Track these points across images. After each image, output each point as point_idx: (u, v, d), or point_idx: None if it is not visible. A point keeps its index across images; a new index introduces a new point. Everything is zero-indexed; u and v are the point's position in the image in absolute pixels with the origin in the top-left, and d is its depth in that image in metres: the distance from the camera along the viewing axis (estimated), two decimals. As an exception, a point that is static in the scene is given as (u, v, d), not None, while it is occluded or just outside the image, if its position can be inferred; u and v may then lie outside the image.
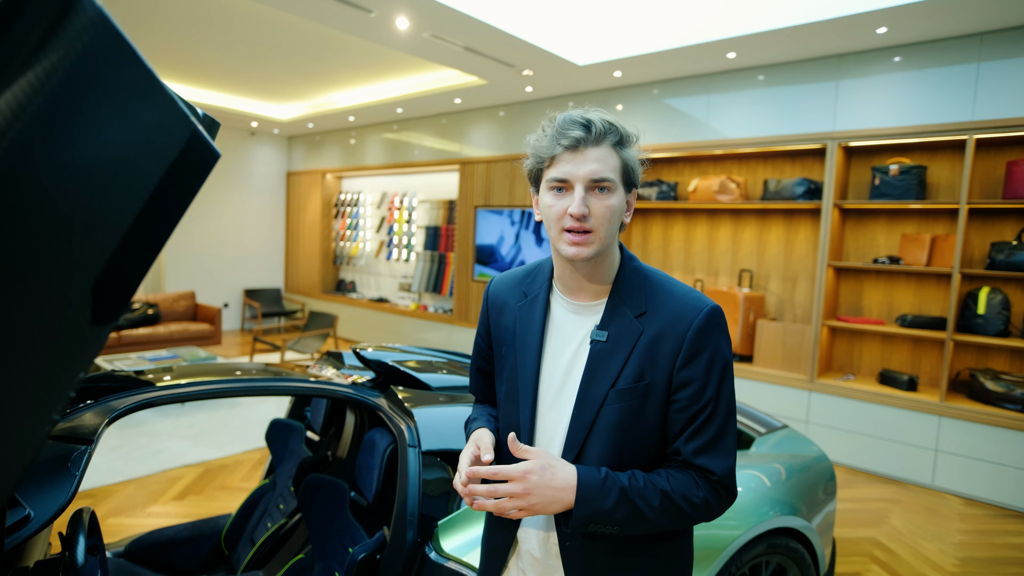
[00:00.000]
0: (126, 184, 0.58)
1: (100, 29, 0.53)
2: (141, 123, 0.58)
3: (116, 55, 0.54)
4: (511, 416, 1.14)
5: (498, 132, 6.57)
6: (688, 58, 4.58)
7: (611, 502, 0.97)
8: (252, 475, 3.88)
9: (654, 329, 1.03)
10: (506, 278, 1.25)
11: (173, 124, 0.60)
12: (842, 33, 3.93)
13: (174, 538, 2.47)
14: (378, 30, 4.26)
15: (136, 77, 0.56)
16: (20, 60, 0.50)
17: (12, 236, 0.52)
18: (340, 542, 1.93)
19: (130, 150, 0.58)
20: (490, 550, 1.22)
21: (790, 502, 2.06)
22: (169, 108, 0.60)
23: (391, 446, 1.86)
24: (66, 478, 1.30)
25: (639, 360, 1.02)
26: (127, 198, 0.59)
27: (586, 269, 1.07)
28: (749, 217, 5.12)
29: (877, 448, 4.24)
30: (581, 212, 0.98)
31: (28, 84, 0.51)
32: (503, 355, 1.18)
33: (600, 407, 1.03)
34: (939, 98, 3.97)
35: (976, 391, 3.96)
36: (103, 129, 0.55)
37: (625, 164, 1.03)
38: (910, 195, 4.12)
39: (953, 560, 3.10)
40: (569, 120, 1.01)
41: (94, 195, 0.57)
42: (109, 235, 0.59)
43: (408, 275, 8.08)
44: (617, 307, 1.07)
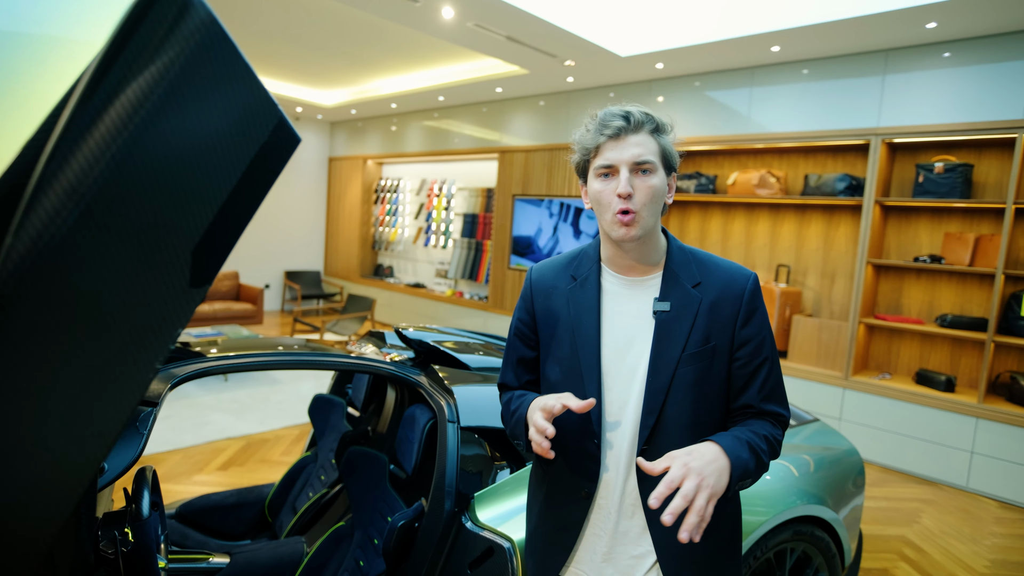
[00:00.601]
0: (223, 163, 0.67)
1: (210, 28, 0.62)
2: (238, 111, 0.66)
3: (221, 51, 0.63)
4: (577, 392, 1.19)
5: (538, 122, 6.61)
6: (731, 51, 4.54)
7: (746, 456, 1.05)
8: (292, 449, 4.05)
9: (711, 296, 1.15)
10: (549, 264, 1.33)
11: (263, 112, 0.69)
12: (890, 28, 3.86)
13: (220, 503, 2.62)
14: (423, 19, 4.34)
15: (236, 71, 0.65)
16: (146, 56, 0.59)
17: (131, 204, 0.61)
18: (379, 511, 2.04)
19: (228, 134, 0.66)
20: (557, 529, 1.25)
21: (817, 493, 2.09)
22: (261, 98, 0.68)
23: (431, 421, 1.95)
24: (135, 436, 1.42)
25: (704, 325, 1.14)
26: (223, 176, 0.68)
27: (635, 249, 1.16)
28: (788, 212, 5.07)
29: (912, 448, 4.19)
30: (627, 191, 1.08)
31: (151, 76, 0.59)
32: (556, 336, 1.25)
33: (674, 371, 1.13)
34: (989, 95, 3.87)
35: (1016, 393, 3.88)
36: (208, 115, 0.64)
37: (663, 149, 1.12)
38: (955, 193, 4.03)
39: (985, 562, 3.07)
40: (609, 113, 1.11)
41: (197, 172, 0.65)
42: (207, 207, 0.67)
43: (445, 261, 8.21)
44: (673, 280, 1.17)
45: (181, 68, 0.60)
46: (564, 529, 1.24)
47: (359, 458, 2.17)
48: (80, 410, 0.63)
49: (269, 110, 0.69)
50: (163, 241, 0.65)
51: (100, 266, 0.60)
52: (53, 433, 0.61)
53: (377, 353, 2.24)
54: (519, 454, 1.89)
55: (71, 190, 0.57)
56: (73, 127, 0.56)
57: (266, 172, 0.71)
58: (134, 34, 0.58)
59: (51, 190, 0.56)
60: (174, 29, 0.59)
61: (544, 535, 1.29)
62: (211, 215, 0.68)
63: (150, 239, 0.64)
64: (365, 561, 1.98)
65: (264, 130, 0.69)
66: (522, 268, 6.69)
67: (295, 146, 0.73)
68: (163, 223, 0.64)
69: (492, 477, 1.80)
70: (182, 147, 0.63)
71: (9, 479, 0.58)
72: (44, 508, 0.61)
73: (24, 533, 0.61)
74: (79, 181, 0.57)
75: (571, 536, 1.23)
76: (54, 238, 0.56)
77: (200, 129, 0.64)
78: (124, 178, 0.59)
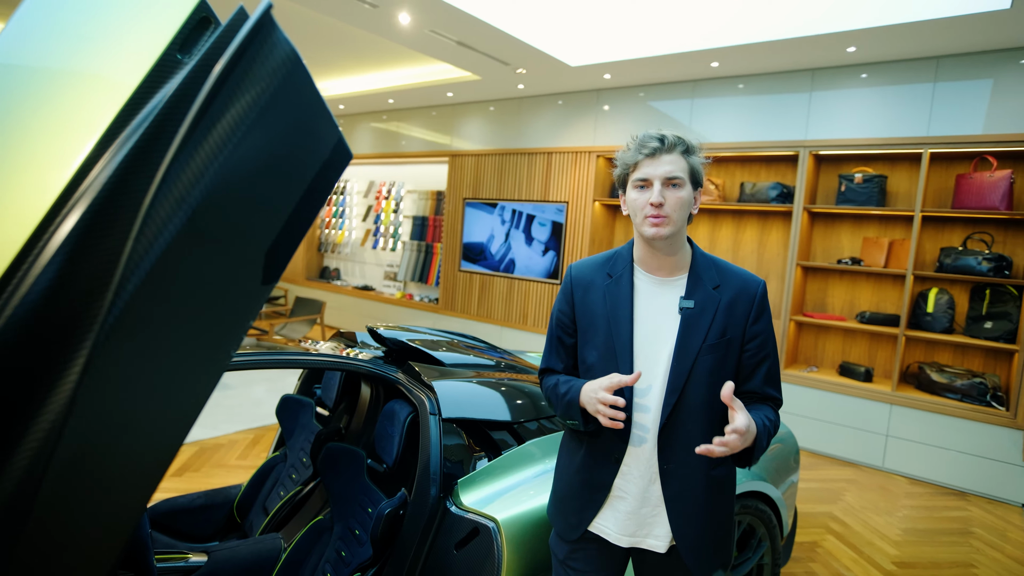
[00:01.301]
0: (295, 176, 0.77)
1: (294, 62, 0.72)
2: (310, 132, 0.77)
3: (301, 81, 0.74)
4: (609, 373, 1.37)
5: (488, 127, 6.75)
6: (674, 65, 4.83)
7: (765, 439, 1.30)
8: (248, 453, 4.02)
9: (728, 297, 1.37)
10: (588, 263, 1.52)
11: (327, 132, 0.80)
12: (816, 50, 4.22)
13: (188, 506, 2.62)
14: (380, 24, 4.41)
15: (311, 97, 0.76)
16: (244, 87, 0.69)
17: (224, 212, 0.71)
18: (359, 503, 2.12)
19: (300, 151, 0.77)
20: (590, 488, 1.45)
21: (759, 471, 2.32)
22: (327, 120, 0.79)
23: (410, 415, 2.05)
24: None
25: (722, 321, 1.35)
26: (294, 187, 0.78)
27: (664, 248, 1.36)
28: (726, 217, 5.41)
29: (836, 434, 4.58)
30: (659, 201, 1.29)
31: (247, 103, 0.69)
32: (594, 325, 1.44)
33: (695, 359, 1.33)
34: (900, 114, 4.30)
35: (923, 382, 4.32)
36: (287, 136, 0.75)
37: (691, 167, 1.34)
38: (872, 202, 4.45)
39: (897, 531, 3.43)
40: (648, 136, 1.34)
41: (274, 184, 0.76)
42: (280, 215, 0.78)
43: (394, 264, 8.22)
44: (697, 282, 1.38)
45: (271, 96, 0.71)
46: (596, 489, 1.43)
47: (337, 453, 2.24)
48: (177, 390, 0.72)
49: (332, 131, 0.79)
50: (245, 244, 0.74)
51: (196, 266, 0.70)
52: (157, 409, 0.70)
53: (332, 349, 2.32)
54: (496, 444, 2.02)
55: (179, 201, 0.67)
56: (185, 147, 0.65)
57: (326, 184, 0.82)
58: (236, 67, 0.68)
59: (163, 202, 0.65)
60: (267, 62, 0.70)
61: (575, 494, 1.47)
62: (282, 222, 0.78)
63: (236, 243, 0.74)
64: (347, 551, 2.05)
65: (327, 148, 0.80)
66: (473, 272, 6.81)
67: (348, 161, 0.84)
68: (246, 229, 0.74)
69: (472, 465, 1.92)
70: (265, 163, 0.73)
71: (125, 448, 0.67)
72: (145, 476, 0.70)
73: (132, 493, 0.69)
74: (186, 193, 0.67)
75: (602, 495, 1.43)
76: (164, 242, 0.66)
77: (280, 147, 0.74)
78: (219, 191, 0.69)
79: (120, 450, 0.67)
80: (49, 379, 0.59)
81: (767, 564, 2.36)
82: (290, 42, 0.72)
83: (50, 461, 0.56)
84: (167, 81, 0.78)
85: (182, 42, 0.80)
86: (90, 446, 0.62)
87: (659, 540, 1.41)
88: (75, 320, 0.61)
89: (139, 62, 0.77)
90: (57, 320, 0.61)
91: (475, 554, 1.69)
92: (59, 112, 0.75)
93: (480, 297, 6.76)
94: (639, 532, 1.42)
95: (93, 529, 0.67)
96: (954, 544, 3.33)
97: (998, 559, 3.19)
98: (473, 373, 2.27)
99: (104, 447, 0.65)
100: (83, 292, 0.62)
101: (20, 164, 0.71)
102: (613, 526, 1.43)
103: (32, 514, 0.56)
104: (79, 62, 0.79)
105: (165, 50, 0.78)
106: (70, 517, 0.63)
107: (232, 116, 0.69)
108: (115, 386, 0.63)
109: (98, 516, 0.67)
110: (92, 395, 0.60)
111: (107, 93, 0.75)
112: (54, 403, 0.59)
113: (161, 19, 0.82)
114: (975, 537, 3.43)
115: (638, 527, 1.41)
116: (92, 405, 0.60)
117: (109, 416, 0.64)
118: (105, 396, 0.62)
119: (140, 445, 0.69)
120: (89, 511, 0.65)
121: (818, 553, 3.11)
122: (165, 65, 0.78)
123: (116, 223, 0.65)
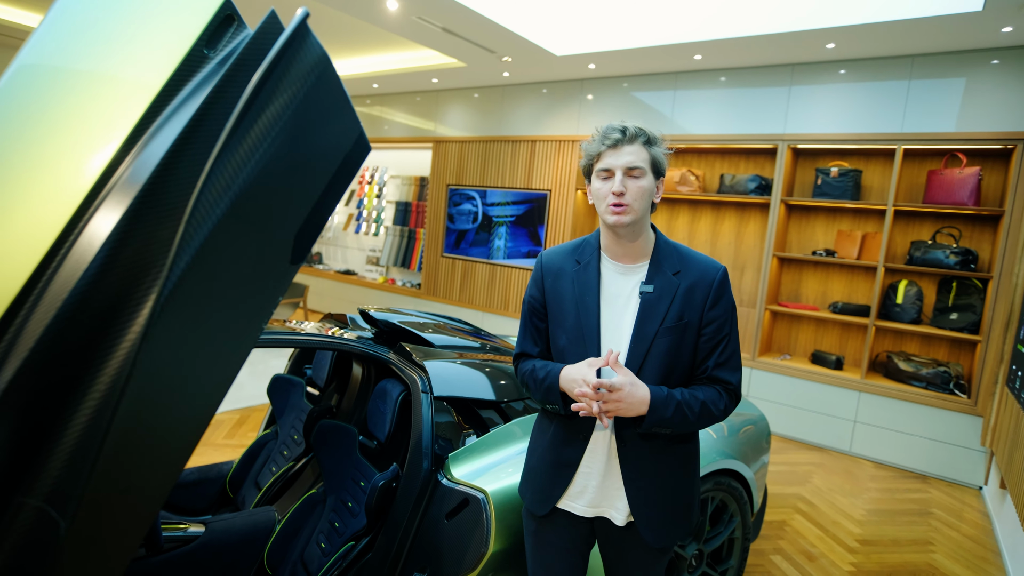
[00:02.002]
0: (322, 167, 0.85)
1: (325, 64, 0.80)
2: (336, 126, 0.85)
3: (331, 81, 0.81)
4: (580, 354, 1.46)
5: (473, 113, 6.78)
6: (658, 57, 4.92)
7: (670, 411, 1.35)
8: (235, 432, 4.08)
9: (687, 283, 1.42)
10: (557, 251, 1.59)
11: (351, 127, 0.87)
12: (796, 45, 4.34)
13: (182, 480, 2.68)
14: (367, 9, 4.42)
15: (338, 96, 0.83)
16: (283, 87, 0.76)
17: (261, 199, 0.78)
18: (351, 477, 2.21)
19: (327, 144, 0.85)
20: (559, 465, 1.52)
21: (732, 451, 2.46)
22: (350, 116, 0.86)
23: (402, 394, 2.14)
24: None
25: (679, 305, 1.41)
26: (321, 176, 0.86)
27: (628, 236, 1.42)
28: (705, 208, 5.54)
29: (806, 419, 4.77)
30: (620, 190, 1.36)
31: (284, 101, 0.77)
32: (563, 310, 1.51)
33: (652, 340, 1.41)
34: (875, 109, 4.45)
35: (891, 370, 4.52)
36: (316, 130, 0.82)
37: (653, 157, 1.40)
38: (847, 195, 4.60)
39: (862, 511, 3.62)
40: (610, 127, 1.39)
41: (305, 173, 0.83)
42: (308, 201, 0.85)
43: (376, 249, 8.25)
44: (658, 268, 1.45)
45: (305, 95, 0.78)
46: (565, 466, 1.51)
47: (330, 430, 2.32)
48: (217, 358, 0.79)
49: (354, 126, 0.87)
50: (277, 227, 0.82)
51: (237, 245, 0.77)
52: (202, 373, 0.78)
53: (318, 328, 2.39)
54: (483, 421, 2.12)
55: (223, 189, 0.74)
56: (231, 140, 0.73)
57: (347, 173, 0.89)
58: (275, 69, 0.75)
59: (210, 190, 0.73)
60: (303, 64, 0.77)
61: (546, 471, 1.55)
62: (310, 207, 0.85)
63: (269, 225, 0.81)
64: (341, 523, 2.14)
65: (349, 141, 0.88)
66: (455, 258, 6.87)
67: (367, 154, 0.92)
68: (279, 213, 0.82)
69: (461, 441, 2.02)
70: (298, 155, 0.81)
71: (175, 405, 0.75)
72: (189, 431, 0.78)
73: (179, 444, 0.77)
74: (230, 182, 0.74)
75: (570, 472, 1.51)
76: (211, 225, 0.73)
77: (311, 140, 0.82)
78: (259, 178, 0.76)
79: (171, 406, 0.74)
80: (113, 343, 0.66)
81: (738, 539, 2.50)
82: (321, 45, 0.79)
83: (118, 406, 0.63)
84: (194, 74, 0.85)
85: (208, 38, 0.87)
86: (149, 400, 0.70)
87: (619, 513, 1.48)
88: (135, 293, 0.68)
89: (169, 57, 0.84)
90: (117, 294, 0.69)
91: (465, 523, 1.79)
92: (94, 104, 0.81)
93: (463, 283, 6.84)
94: (603, 504, 1.50)
95: (149, 471, 0.75)
96: (913, 524, 3.52)
97: (953, 537, 3.39)
98: (460, 354, 2.36)
99: (158, 403, 0.72)
100: (138, 271, 0.70)
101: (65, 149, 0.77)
102: (579, 501, 1.51)
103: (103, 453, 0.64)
104: (112, 58, 0.85)
105: (193, 46, 0.85)
106: (131, 460, 0.71)
107: (271, 114, 0.76)
108: (168, 351, 0.71)
109: (152, 463, 0.75)
110: (151, 357, 0.67)
111: (138, 86, 0.82)
112: (115, 362, 0.66)
113: (189, 16, 0.88)
114: (934, 517, 3.63)
115: (602, 499, 1.50)
116: (150, 366, 0.68)
117: (163, 376, 0.71)
118: (160, 359, 0.70)
119: (187, 403, 0.77)
120: (146, 458, 0.73)
121: (786, 531, 3.28)
122: (193, 60, 0.85)
123: (167, 207, 0.72)
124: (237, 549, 2.06)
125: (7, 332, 0.67)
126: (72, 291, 0.68)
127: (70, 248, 0.71)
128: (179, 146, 0.75)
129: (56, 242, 0.71)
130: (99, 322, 0.68)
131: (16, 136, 0.73)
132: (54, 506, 0.64)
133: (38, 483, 0.65)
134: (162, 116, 0.81)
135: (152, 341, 0.67)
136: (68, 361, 0.65)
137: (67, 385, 0.65)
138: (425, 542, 1.85)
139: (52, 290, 0.67)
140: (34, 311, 0.67)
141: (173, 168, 0.74)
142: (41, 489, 0.64)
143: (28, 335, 0.66)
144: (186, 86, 0.84)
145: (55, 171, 0.74)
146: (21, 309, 0.67)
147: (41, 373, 0.65)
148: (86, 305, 0.68)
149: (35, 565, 0.65)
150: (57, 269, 0.70)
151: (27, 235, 0.70)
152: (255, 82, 0.73)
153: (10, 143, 0.73)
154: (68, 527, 0.64)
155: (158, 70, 0.82)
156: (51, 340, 0.65)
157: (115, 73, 0.82)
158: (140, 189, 0.72)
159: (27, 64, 0.76)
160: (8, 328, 0.67)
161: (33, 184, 0.73)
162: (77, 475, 0.64)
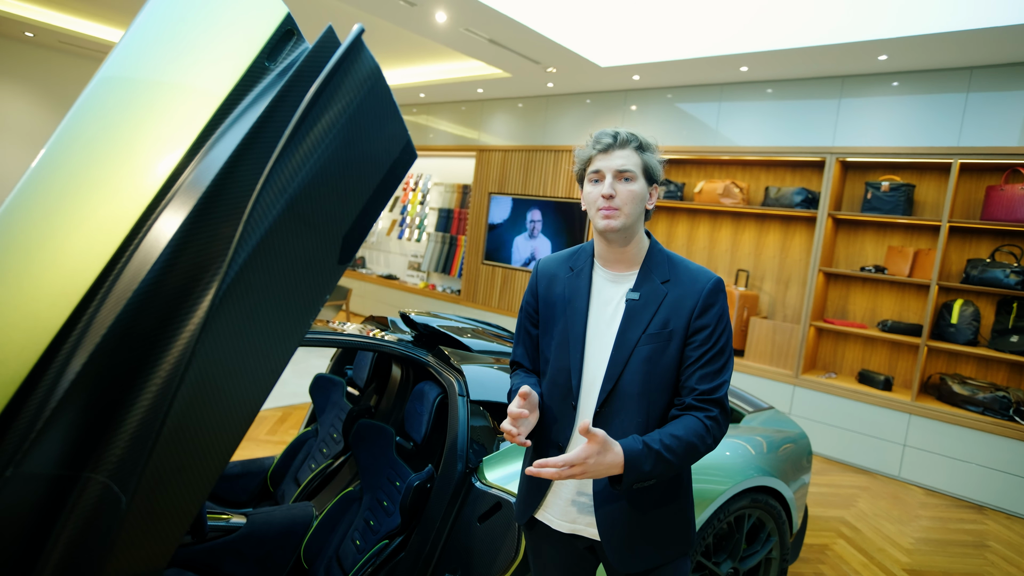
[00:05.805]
0: (372, 171, 0.89)
1: (377, 75, 0.84)
2: (385, 134, 0.89)
3: (382, 91, 0.85)
4: (563, 360, 1.45)
5: (516, 123, 6.85)
6: (703, 68, 4.88)
7: (649, 465, 1.25)
8: (277, 429, 4.20)
9: (676, 292, 1.39)
10: (554, 258, 1.59)
11: (399, 135, 0.91)
12: (847, 57, 4.25)
13: (226, 473, 2.78)
14: (417, 21, 4.53)
15: (388, 105, 0.87)
16: (338, 97, 0.81)
17: (315, 199, 0.83)
18: (387, 476, 2.25)
19: (377, 149, 0.89)
20: (531, 486, 1.50)
21: (770, 468, 2.41)
22: (399, 124, 0.90)
23: (439, 396, 2.18)
24: None
25: (664, 313, 1.37)
26: (370, 180, 0.90)
27: (619, 242, 1.40)
28: (749, 220, 5.45)
29: (852, 441, 4.62)
30: (610, 193, 1.34)
31: (339, 109, 0.81)
32: (554, 315, 1.50)
33: (634, 347, 1.37)
34: (930, 123, 4.31)
35: (944, 393, 4.34)
36: (368, 136, 0.86)
37: (645, 163, 1.38)
38: (898, 210, 4.46)
39: (910, 540, 3.48)
40: (603, 133, 1.39)
41: (356, 176, 0.88)
42: (357, 203, 0.90)
43: (418, 254, 8.38)
44: (647, 276, 1.42)
45: (359, 104, 0.82)
46: (538, 486, 1.48)
47: (368, 430, 2.38)
48: (269, 349, 0.84)
49: (402, 134, 0.91)
50: (329, 227, 0.87)
51: (292, 243, 0.82)
52: (254, 363, 0.82)
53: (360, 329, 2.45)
54: (519, 427, 2.14)
55: (280, 191, 0.79)
56: (289, 146, 0.77)
57: (394, 179, 0.93)
58: (331, 80, 0.79)
59: (269, 190, 0.78)
60: (357, 76, 0.82)
61: (526, 479, 1.53)
62: (359, 209, 0.90)
63: (321, 225, 0.86)
64: (375, 521, 2.19)
65: (397, 148, 0.92)
66: (496, 265, 6.93)
67: (413, 161, 0.96)
68: (331, 214, 0.86)
69: (496, 445, 2.04)
70: (351, 159, 0.85)
71: (229, 391, 0.80)
72: (240, 417, 0.83)
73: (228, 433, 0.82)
74: (287, 183, 0.79)
75: (546, 483, 1.48)
76: (267, 224, 0.78)
77: (362, 146, 0.86)
78: (313, 181, 0.81)
79: (224, 394, 0.79)
80: (176, 331, 0.71)
81: (775, 559, 2.44)
82: (373, 58, 0.84)
83: (177, 391, 0.68)
84: (256, 84, 0.90)
85: (270, 51, 0.92)
86: (205, 387, 0.75)
87: (595, 529, 1.43)
88: (196, 286, 0.73)
89: (233, 69, 0.89)
90: (180, 287, 0.74)
91: (497, 526, 1.81)
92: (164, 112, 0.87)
93: (502, 290, 6.89)
94: (578, 519, 1.45)
95: (201, 455, 0.80)
96: (967, 556, 3.36)
97: (1013, 573, 3.22)
98: (497, 360, 2.39)
99: (213, 390, 0.77)
100: (200, 266, 0.75)
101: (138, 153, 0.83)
102: (554, 513, 1.48)
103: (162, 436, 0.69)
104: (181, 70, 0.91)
105: (255, 58, 0.90)
106: (186, 443, 0.76)
107: (327, 121, 0.81)
108: (224, 341, 0.76)
109: (205, 448, 0.79)
110: (209, 346, 0.72)
111: (205, 96, 0.88)
112: (176, 350, 0.71)
113: (253, 31, 0.94)
114: (991, 551, 3.45)
115: (577, 514, 1.44)
116: (207, 354, 0.73)
117: (218, 365, 0.76)
118: (217, 349, 0.75)
119: (238, 392, 0.81)
120: (199, 442, 0.78)
121: (828, 556, 3.18)
122: (255, 71, 0.91)
123: (228, 207, 0.77)
124: (275, 541, 2.13)
125: (80, 320, 0.73)
126: (140, 283, 0.73)
127: (139, 244, 0.77)
128: (240, 151, 0.80)
129: (127, 238, 0.76)
130: (164, 312, 0.73)
131: (95, 142, 0.80)
132: (117, 482, 0.69)
133: (103, 461, 0.70)
134: (225, 123, 0.86)
135: (210, 331, 0.72)
136: (135, 347, 0.70)
137: (133, 370, 0.70)
138: (457, 544, 1.87)
139: (122, 282, 0.73)
140: (105, 301, 0.72)
141: (235, 171, 0.79)
142: (106, 466, 0.70)
143: (100, 323, 0.71)
144: (248, 95, 0.89)
145: (128, 173, 0.80)
146: (94, 299, 0.73)
147: (111, 358, 0.70)
148: (153, 296, 0.73)
149: (98, 537, 0.70)
150: (127, 263, 0.75)
151: (101, 231, 0.76)
152: (312, 93, 0.78)
153: (89, 148, 0.79)
154: (128, 502, 0.69)
155: (223, 81, 0.87)
156: (121, 328, 0.70)
157: (184, 84, 0.87)
158: (204, 190, 0.77)
159: (107, 76, 0.82)
160: (82, 316, 0.73)
161: (108, 185, 0.79)
162: (139, 455, 0.69)
